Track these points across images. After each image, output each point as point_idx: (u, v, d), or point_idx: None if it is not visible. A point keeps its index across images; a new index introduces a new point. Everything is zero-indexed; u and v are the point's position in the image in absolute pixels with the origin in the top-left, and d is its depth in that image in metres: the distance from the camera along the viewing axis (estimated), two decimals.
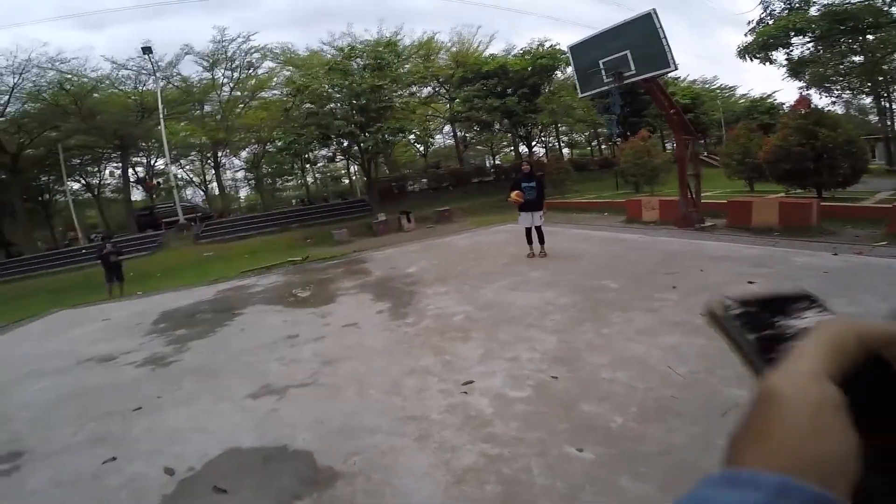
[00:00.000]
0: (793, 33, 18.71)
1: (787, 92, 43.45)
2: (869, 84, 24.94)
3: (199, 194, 37.40)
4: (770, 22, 18.63)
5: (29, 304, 12.25)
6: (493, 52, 27.13)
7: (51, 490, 2.76)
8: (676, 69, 8.80)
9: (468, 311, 5.33)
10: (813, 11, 18.01)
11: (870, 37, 19.79)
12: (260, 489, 2.46)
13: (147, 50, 23.37)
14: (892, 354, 0.24)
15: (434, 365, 3.96)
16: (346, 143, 22.60)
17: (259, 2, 49.93)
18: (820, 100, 34.64)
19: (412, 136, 28.03)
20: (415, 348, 4.47)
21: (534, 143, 31.78)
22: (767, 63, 20.56)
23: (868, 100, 29.34)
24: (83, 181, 30.19)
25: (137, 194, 31.61)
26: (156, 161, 31.33)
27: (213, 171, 31.34)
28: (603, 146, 34.78)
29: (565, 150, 33.91)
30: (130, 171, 29.04)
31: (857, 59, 22.88)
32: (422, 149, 34.31)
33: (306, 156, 28.79)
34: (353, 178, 35.92)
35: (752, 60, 20.16)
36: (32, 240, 25.16)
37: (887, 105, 26.61)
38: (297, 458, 2.74)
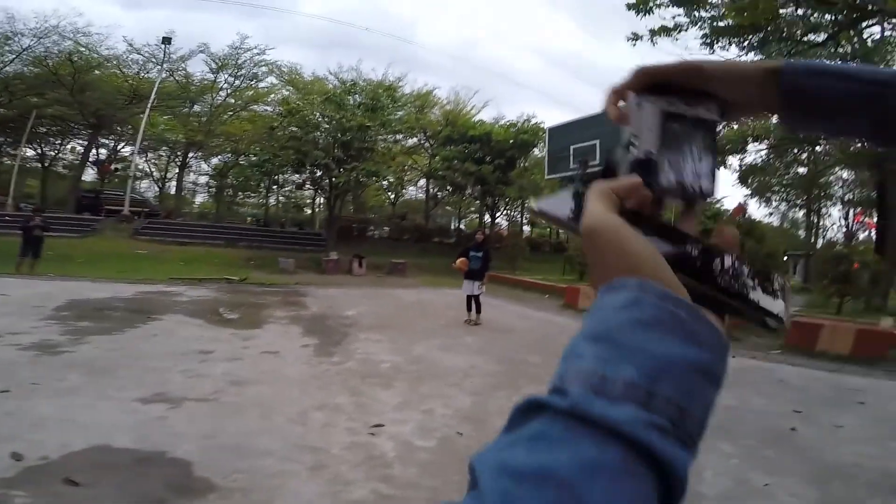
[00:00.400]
0: (750, 139, 18.94)
1: (733, 198, 42.71)
2: (805, 196, 26.86)
3: (153, 189, 35.58)
4: (735, 127, 19.40)
5: None
6: (482, 118, 28.11)
7: None
8: None
9: (396, 362, 5.32)
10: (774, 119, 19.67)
11: (819, 147, 20.70)
12: (119, 488, 2.26)
13: (167, 40, 23.09)
14: (630, 203, 0.32)
15: (347, 404, 3.89)
16: (319, 174, 22.55)
17: (289, 15, 51.24)
18: (758, 209, 35.15)
19: (385, 182, 28.38)
20: (332, 385, 4.38)
21: (498, 214, 32.96)
22: (722, 167, 20.78)
23: (801, 213, 31.25)
24: (38, 150, 28.06)
25: (88, 175, 29.57)
26: (122, 147, 29.85)
27: (177, 171, 30.05)
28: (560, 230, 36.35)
29: (526, 228, 35.11)
30: (93, 151, 27.37)
31: (801, 170, 24.30)
32: (392, 196, 34.82)
33: (276, 177, 28.42)
34: (317, 210, 35.47)
35: None
36: None
37: (815, 221, 29.06)
38: (174, 465, 2.56)
